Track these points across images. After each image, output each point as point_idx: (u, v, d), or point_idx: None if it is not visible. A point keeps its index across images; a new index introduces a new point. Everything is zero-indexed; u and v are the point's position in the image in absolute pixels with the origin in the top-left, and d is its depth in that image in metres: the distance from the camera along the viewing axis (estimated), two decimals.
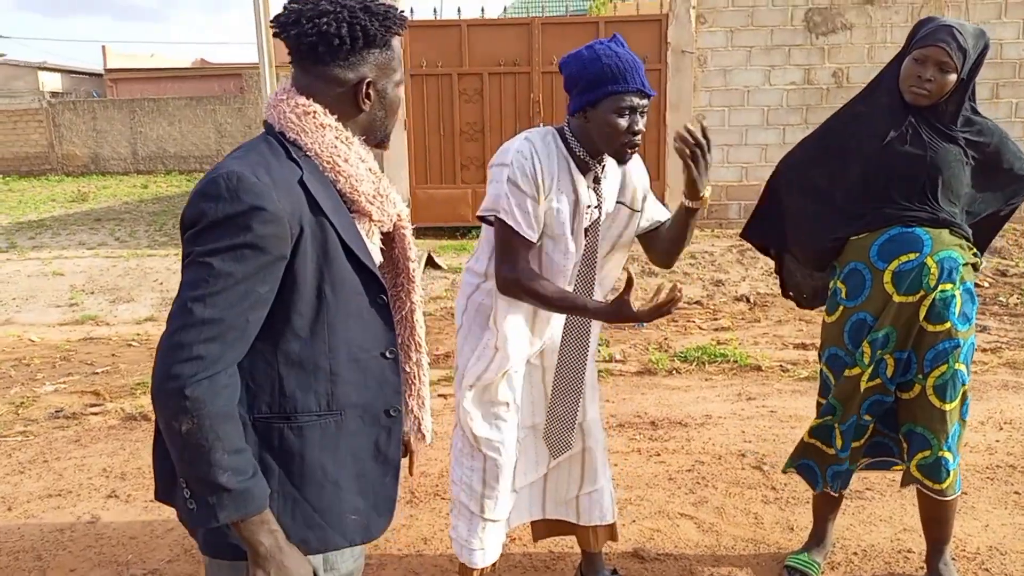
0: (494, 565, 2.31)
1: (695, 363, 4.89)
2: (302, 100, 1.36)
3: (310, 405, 1.34)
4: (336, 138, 1.38)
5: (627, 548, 2.79)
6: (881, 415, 2.41)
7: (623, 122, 1.98)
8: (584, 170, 2.11)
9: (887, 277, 2.28)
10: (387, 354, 1.43)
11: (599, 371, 4.70)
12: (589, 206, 2.12)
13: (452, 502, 2.31)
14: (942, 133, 2.28)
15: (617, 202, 2.21)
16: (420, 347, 1.59)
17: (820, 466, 2.48)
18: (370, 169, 1.43)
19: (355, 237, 1.39)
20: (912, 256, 2.25)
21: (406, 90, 8.30)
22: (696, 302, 6.40)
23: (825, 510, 2.63)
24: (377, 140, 1.50)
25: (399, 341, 1.54)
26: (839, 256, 2.42)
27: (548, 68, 8.37)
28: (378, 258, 1.48)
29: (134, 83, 22.36)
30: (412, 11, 8.37)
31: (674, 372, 4.77)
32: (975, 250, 2.39)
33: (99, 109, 21.24)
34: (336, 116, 1.38)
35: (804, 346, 5.17)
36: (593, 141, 2.05)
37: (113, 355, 5.51)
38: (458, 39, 8.34)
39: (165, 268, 7.52)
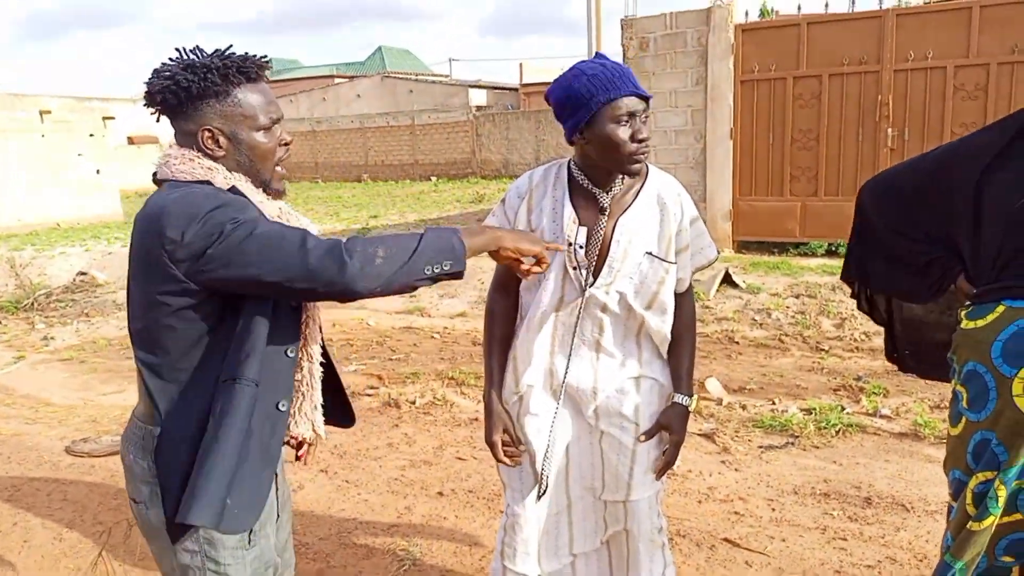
0: None
1: None
2: (184, 151, 1.51)
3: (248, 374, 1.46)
4: (225, 178, 1.51)
5: None
6: None
7: (623, 131, 1.77)
8: (584, 201, 1.90)
9: (1018, 388, 1.64)
10: (288, 353, 1.55)
11: (849, 424, 4.04)
12: (571, 244, 1.88)
13: None
14: None
15: (646, 253, 1.91)
16: (312, 358, 1.63)
17: None
18: (264, 200, 1.55)
19: None
20: None
21: (734, 98, 7.93)
22: None
23: None
24: (262, 187, 1.57)
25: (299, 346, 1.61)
26: (954, 349, 1.83)
27: (902, 66, 7.28)
28: None
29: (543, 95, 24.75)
30: (746, 13, 7.94)
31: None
32: None
33: (511, 120, 24.07)
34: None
35: None
36: (597, 165, 1.85)
37: (415, 344, 6.29)
38: (795, 39, 7.68)
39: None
